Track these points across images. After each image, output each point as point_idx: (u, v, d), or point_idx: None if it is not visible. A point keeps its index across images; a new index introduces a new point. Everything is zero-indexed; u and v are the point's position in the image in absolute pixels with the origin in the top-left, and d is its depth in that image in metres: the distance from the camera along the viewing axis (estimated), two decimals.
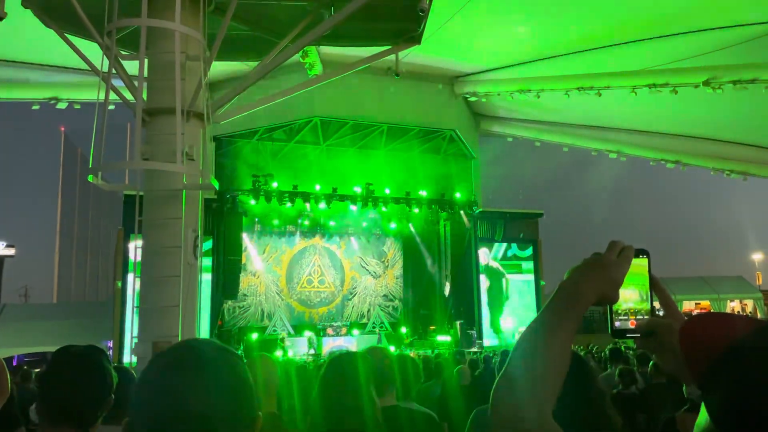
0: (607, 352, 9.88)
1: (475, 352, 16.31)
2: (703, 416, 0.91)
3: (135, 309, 7.77)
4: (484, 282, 22.18)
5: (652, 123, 18.95)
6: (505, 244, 22.84)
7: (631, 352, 10.87)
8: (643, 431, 5.60)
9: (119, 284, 17.18)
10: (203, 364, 1.00)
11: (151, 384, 1.00)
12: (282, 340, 19.60)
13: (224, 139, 19.81)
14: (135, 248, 8.73)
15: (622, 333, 1.21)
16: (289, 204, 20.26)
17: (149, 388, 1.00)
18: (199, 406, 0.95)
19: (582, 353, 9.42)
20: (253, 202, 19.91)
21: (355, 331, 21.87)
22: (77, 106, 16.36)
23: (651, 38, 13.68)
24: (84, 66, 8.36)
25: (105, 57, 7.29)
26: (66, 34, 8.45)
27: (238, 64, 14.34)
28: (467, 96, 20.49)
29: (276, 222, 22.03)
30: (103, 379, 1.94)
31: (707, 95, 13.95)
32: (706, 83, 13.73)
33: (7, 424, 5.42)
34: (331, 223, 23.02)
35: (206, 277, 17.22)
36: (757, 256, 34.61)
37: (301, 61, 15.09)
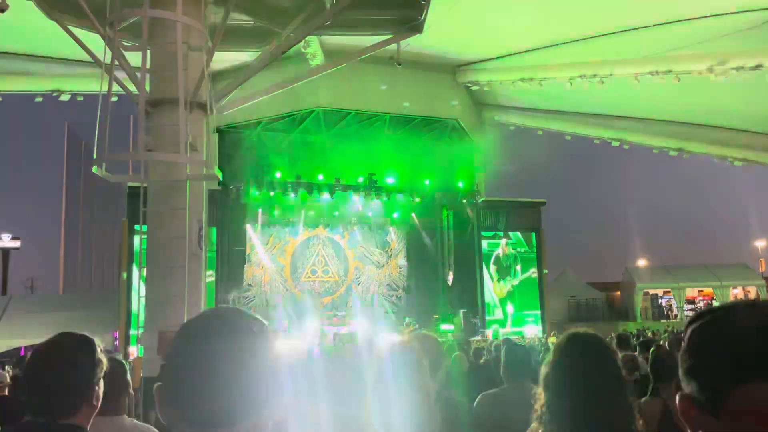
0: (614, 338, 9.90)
1: (479, 341, 16.38)
2: None
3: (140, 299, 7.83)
4: None
5: (655, 110, 18.88)
6: None
7: (634, 339, 10.91)
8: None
9: (124, 275, 17.29)
10: (231, 334, 1.01)
11: (178, 354, 1.01)
12: (286, 329, 19.71)
13: (227, 130, 19.81)
14: (140, 239, 8.78)
15: None
16: (292, 194, 20.26)
17: (175, 358, 1.01)
18: (225, 377, 0.97)
19: None
20: (256, 192, 19.92)
21: (360, 320, 21.96)
22: (80, 98, 16.37)
23: (653, 25, 13.62)
24: (87, 58, 8.38)
25: (107, 49, 7.31)
26: (68, 26, 8.46)
27: (241, 55, 14.32)
28: (469, 85, 20.42)
29: (279, 212, 22.07)
30: (79, 370, 1.95)
31: (710, 82, 13.89)
32: (710, 70, 13.66)
33: (17, 412, 5.50)
34: (335, 214, 23.05)
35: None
36: (760, 243, 34.54)
37: (303, 51, 15.06)
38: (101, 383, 2.01)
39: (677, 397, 0.92)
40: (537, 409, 1.80)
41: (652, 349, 7.51)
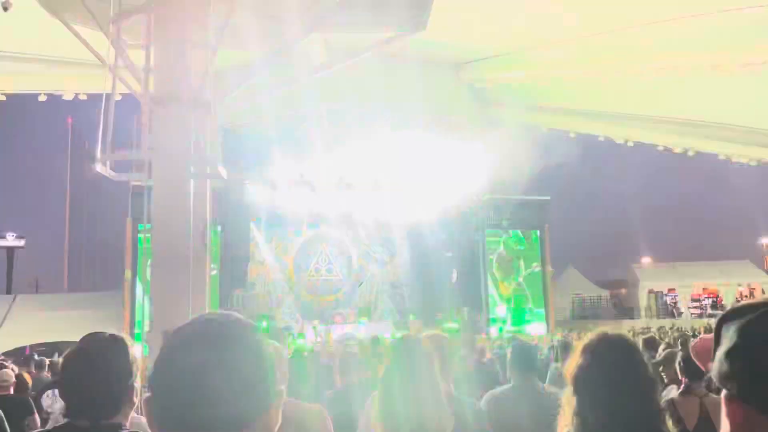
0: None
1: (483, 339, 16.36)
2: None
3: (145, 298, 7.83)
4: None
5: (660, 108, 18.81)
6: None
7: (641, 336, 10.86)
8: None
9: (128, 274, 17.30)
10: (222, 340, 0.98)
11: (168, 363, 0.99)
12: (290, 328, 19.73)
13: (231, 128, 19.76)
14: (144, 238, 8.79)
15: None
16: (295, 193, 20.26)
17: (166, 368, 0.99)
18: (218, 384, 0.94)
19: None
20: (260, 191, 19.93)
21: (363, 319, 21.98)
22: (84, 97, 16.36)
23: (658, 21, 13.55)
24: (90, 56, 8.36)
25: (111, 47, 7.29)
26: (71, 24, 8.44)
27: (245, 53, 14.30)
28: (474, 82, 20.38)
29: (283, 211, 22.08)
30: (119, 370, 1.93)
31: (716, 79, 13.82)
32: (715, 67, 13.59)
33: (21, 411, 5.50)
34: (338, 212, 23.05)
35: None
36: (765, 241, 34.40)
37: (307, 49, 15.02)
38: (138, 380, 2.01)
39: (723, 398, 0.86)
40: (567, 413, 1.76)
41: (677, 349, 7.48)
